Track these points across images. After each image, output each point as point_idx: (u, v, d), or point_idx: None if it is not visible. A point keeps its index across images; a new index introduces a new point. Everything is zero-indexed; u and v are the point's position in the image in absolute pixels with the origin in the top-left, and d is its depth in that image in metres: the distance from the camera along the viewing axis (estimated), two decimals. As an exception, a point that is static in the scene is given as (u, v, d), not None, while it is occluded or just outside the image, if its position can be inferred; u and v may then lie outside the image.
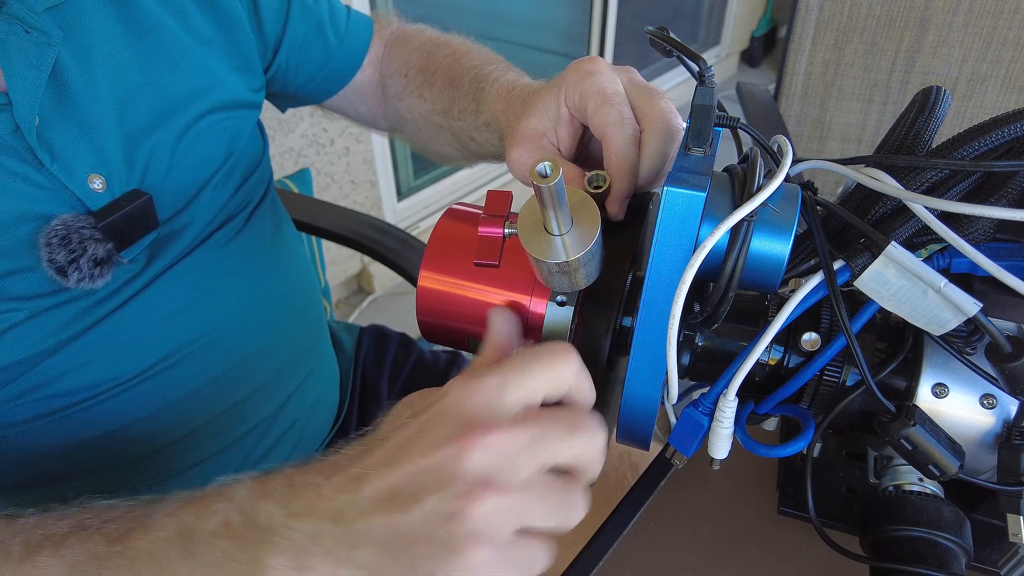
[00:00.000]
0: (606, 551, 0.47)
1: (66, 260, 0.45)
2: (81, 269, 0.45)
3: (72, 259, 0.45)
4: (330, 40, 0.67)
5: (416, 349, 0.82)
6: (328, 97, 0.71)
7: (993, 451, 0.36)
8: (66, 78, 0.46)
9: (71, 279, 0.45)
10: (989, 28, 1.12)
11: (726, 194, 0.34)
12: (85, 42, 0.47)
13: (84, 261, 0.45)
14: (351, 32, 0.68)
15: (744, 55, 3.49)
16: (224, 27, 0.57)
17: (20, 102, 0.43)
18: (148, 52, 0.51)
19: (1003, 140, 0.32)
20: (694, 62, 0.35)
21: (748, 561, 0.46)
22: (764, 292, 0.39)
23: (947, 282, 0.32)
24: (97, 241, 0.46)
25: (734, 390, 0.37)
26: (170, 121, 0.52)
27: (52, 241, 0.44)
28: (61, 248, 0.44)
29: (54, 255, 0.44)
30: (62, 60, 0.46)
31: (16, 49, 0.43)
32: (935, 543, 0.36)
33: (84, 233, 0.45)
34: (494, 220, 0.37)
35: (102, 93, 0.48)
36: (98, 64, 0.48)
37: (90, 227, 0.46)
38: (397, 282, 2.00)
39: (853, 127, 1.28)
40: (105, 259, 0.46)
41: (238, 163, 0.58)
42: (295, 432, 0.66)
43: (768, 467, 0.51)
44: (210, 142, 0.55)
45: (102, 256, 0.46)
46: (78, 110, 0.46)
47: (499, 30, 2.43)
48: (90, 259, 0.45)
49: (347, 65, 0.69)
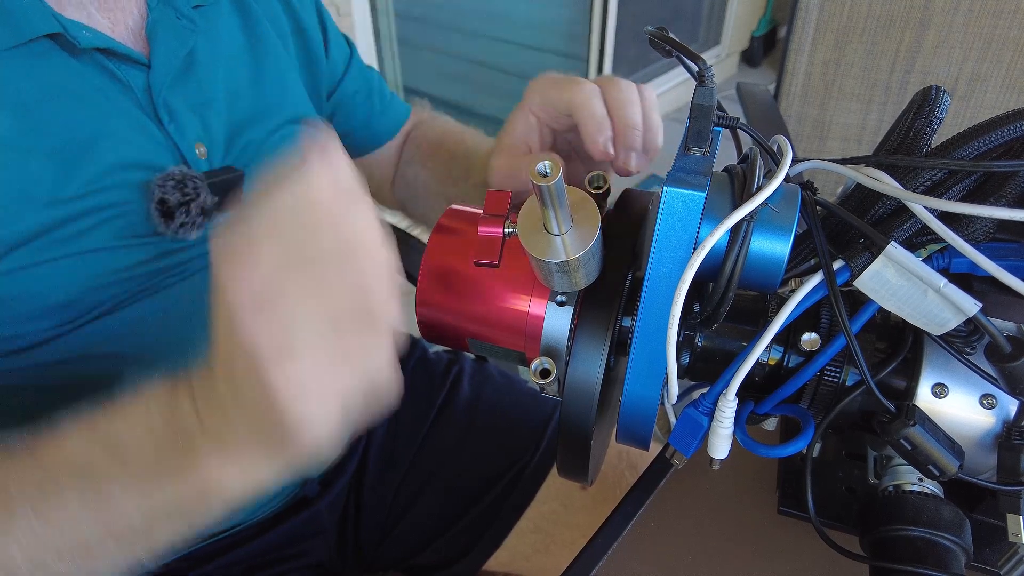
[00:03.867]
0: (606, 551, 0.47)
1: (178, 202, 0.48)
2: (190, 212, 0.49)
3: (184, 201, 0.49)
4: (375, 105, 0.74)
5: (419, 348, 0.83)
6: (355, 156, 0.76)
7: (993, 451, 0.36)
8: (197, 60, 0.54)
9: (175, 222, 0.48)
10: (989, 28, 1.12)
11: (726, 194, 0.34)
12: (216, 39, 0.56)
13: (195, 205, 0.49)
14: (393, 106, 0.76)
15: (744, 55, 3.49)
16: (308, 62, 0.66)
17: (158, 68, 0.50)
18: (258, 59, 0.59)
19: (1003, 140, 0.32)
20: (694, 62, 0.35)
21: (748, 561, 0.46)
22: (764, 292, 0.39)
23: (947, 282, 0.32)
24: (207, 192, 0.50)
25: (734, 390, 0.37)
26: (266, 119, 0.58)
27: (168, 183, 0.48)
28: (176, 190, 0.48)
29: (167, 195, 0.48)
30: (197, 46, 0.54)
31: (166, 29, 0.52)
32: (935, 543, 0.36)
33: (197, 183, 0.49)
34: (494, 220, 0.37)
35: (218, 82, 0.55)
36: (221, 58, 0.56)
37: (202, 179, 0.50)
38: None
39: (853, 127, 1.28)
40: (210, 210, 0.50)
41: None
42: None
43: (768, 467, 0.51)
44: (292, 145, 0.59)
45: (209, 206, 0.50)
46: (199, 88, 0.53)
47: (499, 30, 2.43)
48: (200, 205, 0.49)
49: (383, 132, 0.75)
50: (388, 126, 0.75)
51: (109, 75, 0.48)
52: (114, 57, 0.48)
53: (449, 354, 0.83)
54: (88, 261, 0.47)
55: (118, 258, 0.48)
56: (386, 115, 0.75)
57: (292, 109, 0.61)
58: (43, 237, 0.44)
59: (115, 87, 0.49)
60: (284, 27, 0.63)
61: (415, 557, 0.71)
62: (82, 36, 0.46)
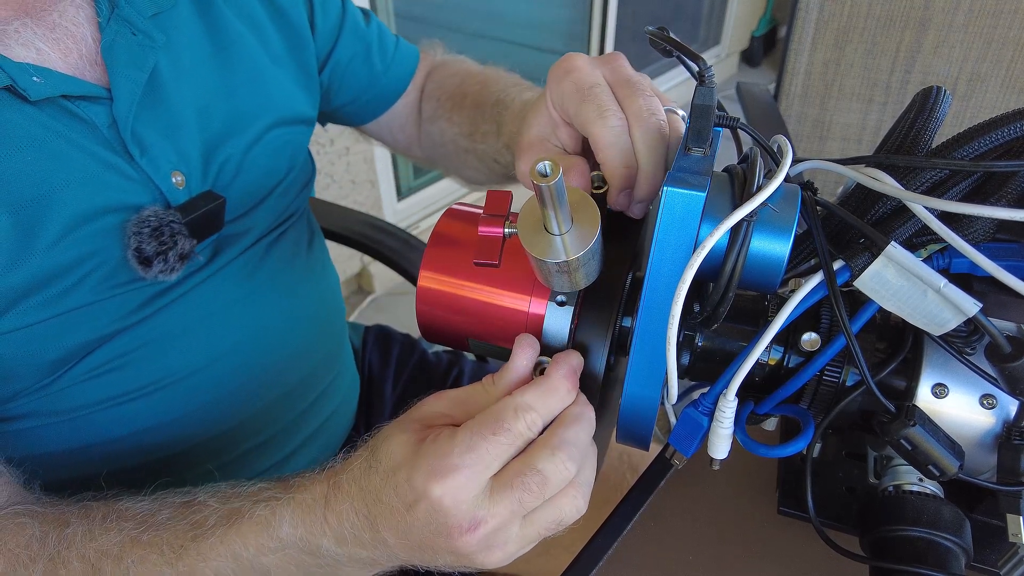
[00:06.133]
0: (606, 551, 0.47)
1: (154, 251, 0.46)
2: (168, 260, 0.47)
3: (161, 251, 0.46)
4: (376, 66, 0.69)
5: (419, 349, 0.83)
6: (368, 120, 0.74)
7: (993, 451, 0.36)
8: (161, 81, 0.49)
9: (153, 270, 0.47)
10: (989, 28, 1.12)
11: (726, 194, 0.34)
12: (178, 50, 0.51)
13: (173, 254, 0.47)
14: (397, 60, 0.71)
15: (744, 55, 3.49)
16: (294, 45, 0.60)
17: (120, 98, 0.46)
18: (228, 65, 0.54)
19: (1003, 140, 0.32)
20: (694, 62, 0.35)
21: (748, 561, 0.46)
22: (764, 292, 0.39)
23: (947, 282, 0.32)
24: (184, 236, 0.48)
25: (734, 390, 0.37)
26: (243, 131, 0.55)
27: (143, 231, 0.46)
28: (152, 239, 0.46)
29: (144, 245, 0.46)
30: (159, 64, 0.49)
31: (123, 50, 0.47)
32: (935, 543, 0.36)
33: (175, 227, 0.47)
34: (494, 220, 0.37)
35: (187, 98, 0.51)
36: (186, 72, 0.51)
37: (179, 222, 0.47)
38: (397, 282, 2.00)
39: (853, 127, 1.28)
40: (188, 254, 0.48)
41: (298, 177, 0.61)
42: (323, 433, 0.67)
43: (768, 467, 0.51)
44: (276, 154, 0.58)
45: (187, 251, 0.48)
46: (167, 111, 0.49)
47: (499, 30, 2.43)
48: (178, 253, 0.47)
49: (390, 91, 0.71)
50: (395, 84, 0.71)
51: (70, 116, 0.45)
52: (72, 97, 0.45)
53: (449, 354, 0.83)
54: (77, 318, 0.46)
55: (106, 309, 0.47)
56: (390, 73, 0.70)
57: (275, 112, 0.57)
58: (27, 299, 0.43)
59: (78, 128, 0.45)
60: (259, 16, 0.58)
61: None
62: (32, 87, 0.42)
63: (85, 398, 0.50)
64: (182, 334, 0.53)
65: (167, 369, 0.52)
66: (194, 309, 0.53)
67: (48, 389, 0.48)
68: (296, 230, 0.64)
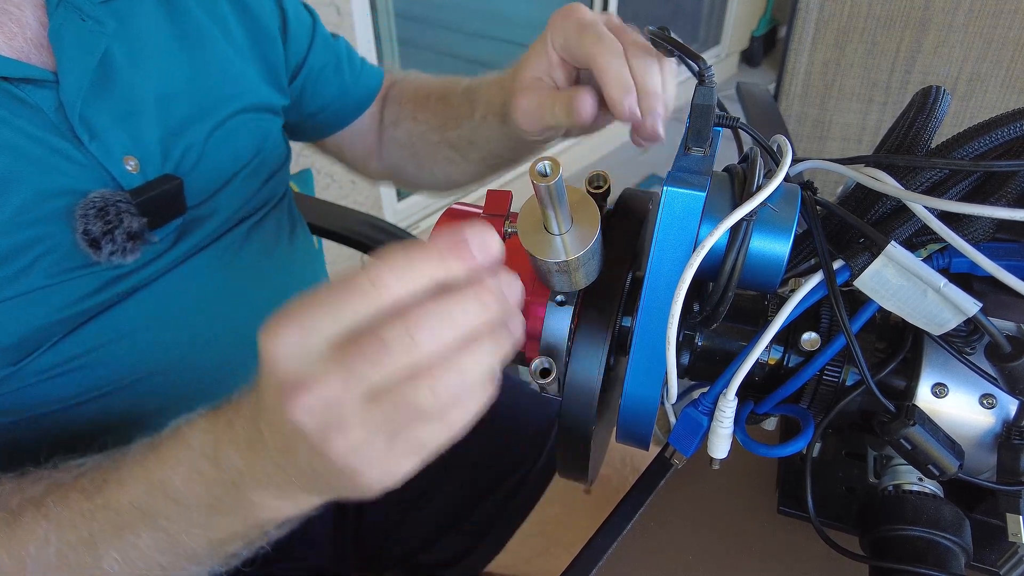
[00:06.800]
0: (606, 551, 0.47)
1: (101, 231, 0.46)
2: (115, 240, 0.47)
3: (107, 230, 0.46)
4: (345, 76, 0.71)
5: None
6: (333, 132, 0.74)
7: (992, 451, 0.36)
8: (114, 67, 0.49)
9: (104, 251, 0.46)
10: (989, 28, 1.12)
11: (726, 194, 0.34)
12: (135, 37, 0.51)
13: (119, 233, 0.47)
14: (365, 72, 0.73)
15: (744, 55, 3.49)
16: (257, 40, 0.61)
17: (67, 82, 0.46)
18: (193, 55, 0.55)
19: (1003, 140, 0.32)
20: (694, 62, 0.35)
21: (748, 561, 0.46)
22: (764, 292, 0.39)
23: (947, 282, 0.32)
24: (132, 215, 0.47)
25: (734, 390, 0.37)
26: (207, 118, 0.55)
27: (89, 212, 0.46)
28: (97, 219, 0.46)
29: (90, 226, 0.46)
30: (112, 50, 0.49)
31: (71, 34, 0.47)
32: (934, 543, 0.36)
33: (121, 207, 0.47)
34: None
35: (146, 85, 0.51)
36: (146, 59, 0.52)
37: (126, 202, 0.47)
38: (397, 282, 2.00)
39: (853, 127, 1.28)
40: (138, 233, 0.48)
41: (265, 162, 0.61)
42: None
43: (768, 467, 0.51)
44: (241, 138, 0.58)
45: (136, 230, 0.48)
46: (121, 97, 0.49)
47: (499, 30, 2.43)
48: (125, 231, 0.47)
49: (358, 102, 0.73)
50: (363, 95, 0.72)
51: (13, 99, 0.45)
52: (16, 79, 0.44)
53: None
54: (29, 302, 0.46)
55: (59, 294, 0.47)
56: (359, 84, 0.72)
57: (240, 99, 0.58)
58: None
59: (23, 112, 0.45)
60: (222, 10, 0.58)
61: (418, 555, 0.71)
62: None
63: (46, 396, 0.49)
64: (151, 327, 0.52)
65: (135, 365, 0.52)
66: (163, 300, 0.52)
67: (8, 383, 0.47)
68: (274, 221, 0.63)
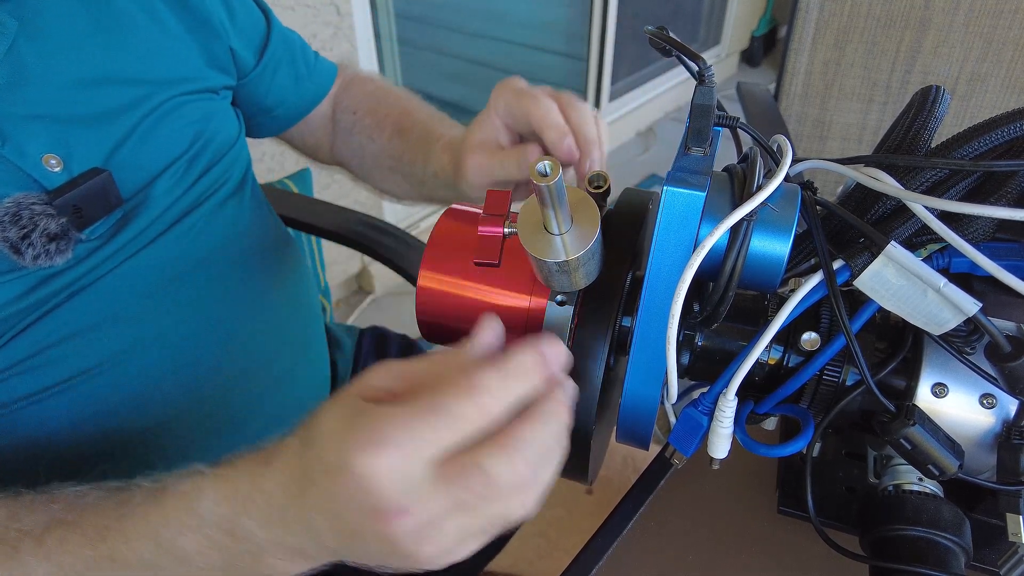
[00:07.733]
0: (606, 551, 0.47)
1: (17, 236, 0.45)
2: (35, 245, 0.46)
3: (24, 235, 0.45)
4: (300, 68, 0.71)
5: (416, 351, 0.82)
6: (291, 125, 0.75)
7: (992, 451, 0.36)
8: (22, 64, 0.48)
9: (26, 256, 0.46)
10: (989, 28, 1.12)
11: (726, 194, 0.34)
12: (44, 32, 0.49)
13: (36, 236, 0.46)
14: (319, 67, 0.74)
15: (744, 55, 3.49)
16: (192, 28, 0.59)
17: None
18: (116, 42, 0.53)
19: (1003, 140, 0.32)
20: (694, 62, 0.35)
21: (748, 561, 0.46)
22: (764, 292, 0.39)
23: (947, 282, 0.32)
24: (49, 216, 0.46)
25: (734, 390, 0.37)
26: (138, 105, 0.54)
27: (4, 220, 0.45)
28: (12, 226, 0.45)
29: (6, 232, 0.45)
30: (19, 48, 0.48)
31: None
32: (935, 543, 0.36)
33: (35, 209, 0.46)
34: (494, 219, 0.37)
35: (63, 79, 0.50)
36: (59, 52, 0.50)
37: (42, 203, 0.46)
38: (397, 282, 2.00)
39: (853, 127, 1.28)
40: (59, 234, 0.47)
41: (207, 144, 0.60)
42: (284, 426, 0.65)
43: (768, 467, 0.51)
44: (176, 123, 0.57)
45: (55, 231, 0.47)
46: (34, 94, 0.48)
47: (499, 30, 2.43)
48: (42, 234, 0.46)
49: (313, 95, 0.73)
50: (316, 90, 0.73)
51: None
52: None
53: (449, 354, 0.83)
54: None
55: None
56: (312, 79, 0.73)
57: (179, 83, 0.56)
58: None
59: None
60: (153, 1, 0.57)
61: None
62: None
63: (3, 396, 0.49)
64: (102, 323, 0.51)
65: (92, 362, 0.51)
66: (117, 293, 0.52)
67: None
68: (233, 207, 0.62)
